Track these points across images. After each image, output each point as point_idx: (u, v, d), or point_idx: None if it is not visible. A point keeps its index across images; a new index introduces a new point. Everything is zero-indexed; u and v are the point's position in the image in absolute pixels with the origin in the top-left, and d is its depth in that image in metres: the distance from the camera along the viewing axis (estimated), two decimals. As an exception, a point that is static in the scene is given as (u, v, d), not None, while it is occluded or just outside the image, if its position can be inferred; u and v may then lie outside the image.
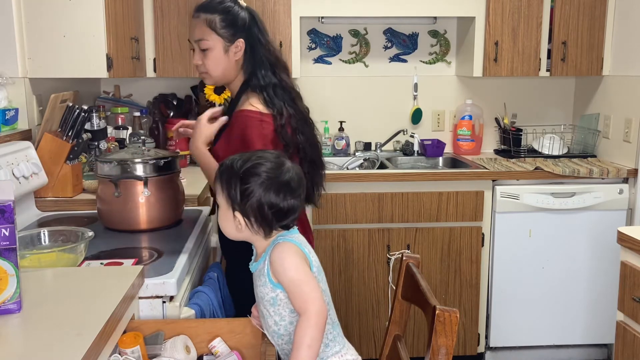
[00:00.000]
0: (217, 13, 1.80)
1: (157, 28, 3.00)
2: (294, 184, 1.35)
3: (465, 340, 3.10)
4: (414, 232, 2.98)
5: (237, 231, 1.37)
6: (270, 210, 1.32)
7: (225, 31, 1.81)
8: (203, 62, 1.84)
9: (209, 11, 1.81)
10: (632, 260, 2.00)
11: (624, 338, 2.02)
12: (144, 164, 2.00)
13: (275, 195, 1.32)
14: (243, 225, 1.34)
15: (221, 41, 1.81)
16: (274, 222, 1.34)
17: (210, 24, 1.80)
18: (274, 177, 1.33)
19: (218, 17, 1.80)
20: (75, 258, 1.63)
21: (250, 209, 1.32)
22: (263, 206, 1.32)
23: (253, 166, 1.34)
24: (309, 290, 1.28)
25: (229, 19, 1.81)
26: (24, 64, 2.36)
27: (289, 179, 1.34)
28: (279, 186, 1.33)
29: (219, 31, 1.80)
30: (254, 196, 1.31)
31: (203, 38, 1.81)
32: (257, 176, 1.32)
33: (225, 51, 1.82)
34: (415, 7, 3.16)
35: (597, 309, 3.11)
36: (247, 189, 1.31)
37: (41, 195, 2.34)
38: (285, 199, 1.33)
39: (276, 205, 1.32)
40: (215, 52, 1.81)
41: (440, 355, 1.25)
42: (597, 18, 3.18)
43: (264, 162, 1.35)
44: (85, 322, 1.21)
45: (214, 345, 1.43)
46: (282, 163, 1.36)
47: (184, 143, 3.17)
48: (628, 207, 3.03)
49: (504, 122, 3.47)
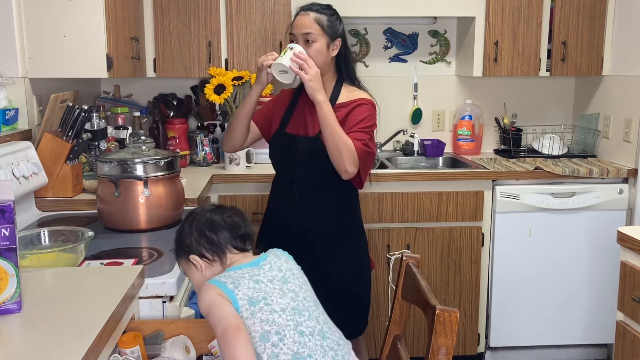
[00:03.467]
0: (325, 15, 2.13)
1: (157, 28, 3.01)
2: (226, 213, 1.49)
3: (465, 340, 3.10)
4: (414, 232, 2.98)
5: (202, 276, 1.44)
6: (212, 234, 1.44)
7: (330, 30, 2.12)
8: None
9: (319, 12, 2.13)
10: (632, 260, 2.00)
11: (624, 338, 2.02)
12: (144, 164, 2.01)
13: (208, 223, 1.46)
14: (202, 264, 1.44)
15: (326, 37, 2.11)
16: (223, 243, 1.45)
17: (319, 21, 2.11)
18: (202, 212, 1.50)
19: (326, 18, 2.12)
20: (75, 258, 1.63)
21: (197, 244, 1.45)
22: (204, 236, 1.45)
23: (183, 222, 1.51)
24: (217, 315, 1.27)
25: (333, 21, 2.15)
26: (24, 64, 2.36)
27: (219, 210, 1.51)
28: (209, 216, 1.47)
29: (326, 29, 2.11)
30: (192, 233, 1.46)
31: (311, 32, 2.09)
32: (187, 218, 1.50)
33: (327, 47, 2.12)
34: (415, 7, 3.16)
35: (597, 309, 3.11)
36: (184, 234, 1.47)
37: (41, 195, 2.34)
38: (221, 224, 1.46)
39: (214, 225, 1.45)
40: (320, 45, 2.11)
41: (440, 355, 1.25)
42: (597, 18, 3.18)
43: (190, 212, 1.53)
44: (85, 322, 1.21)
45: (213, 346, 1.43)
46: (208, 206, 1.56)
47: (184, 143, 3.17)
48: (628, 207, 3.03)
49: (504, 122, 3.47)
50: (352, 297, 2.22)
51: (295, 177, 2.15)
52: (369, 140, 2.10)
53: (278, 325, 1.29)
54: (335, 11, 2.19)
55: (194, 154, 3.19)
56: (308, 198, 2.15)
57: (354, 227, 2.25)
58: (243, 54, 3.06)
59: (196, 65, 3.05)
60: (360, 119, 2.10)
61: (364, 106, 2.13)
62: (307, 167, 2.13)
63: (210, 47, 3.03)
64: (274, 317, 1.30)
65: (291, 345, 1.27)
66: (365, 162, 2.09)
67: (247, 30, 3.05)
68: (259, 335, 1.27)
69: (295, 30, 2.13)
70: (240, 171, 2.97)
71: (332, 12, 2.17)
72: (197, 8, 3.00)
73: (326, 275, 2.10)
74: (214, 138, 3.25)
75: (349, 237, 2.23)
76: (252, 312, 1.30)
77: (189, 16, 3.00)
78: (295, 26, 2.15)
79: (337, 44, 2.15)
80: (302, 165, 2.14)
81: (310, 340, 1.30)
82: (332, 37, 2.13)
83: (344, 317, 2.09)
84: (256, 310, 1.30)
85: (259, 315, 1.29)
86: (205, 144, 3.15)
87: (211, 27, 3.02)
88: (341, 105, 2.14)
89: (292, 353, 1.27)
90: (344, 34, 2.19)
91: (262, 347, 1.26)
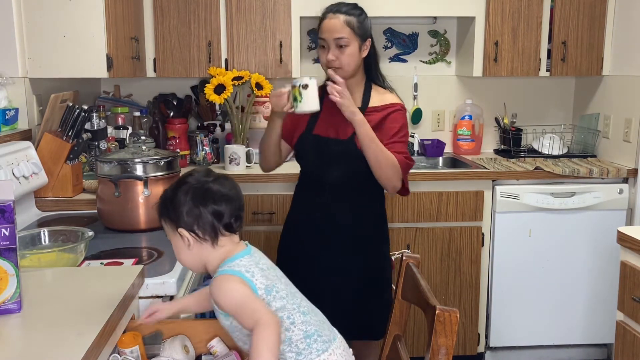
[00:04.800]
0: (355, 16, 2.06)
1: (157, 28, 3.00)
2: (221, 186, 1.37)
3: (465, 340, 3.10)
4: (414, 232, 2.98)
5: (189, 251, 1.35)
6: (207, 213, 1.33)
7: (361, 31, 2.06)
8: (338, 58, 2.05)
9: (349, 14, 2.06)
10: (632, 260, 2.00)
11: (624, 338, 2.02)
12: (144, 164, 2.01)
13: (204, 197, 1.34)
14: (191, 240, 1.34)
15: (357, 40, 2.06)
16: (214, 223, 1.34)
17: (350, 24, 2.04)
18: (199, 182, 1.36)
19: (355, 20, 2.06)
20: (75, 258, 1.63)
21: (189, 219, 1.33)
22: (198, 209, 1.33)
23: (178, 181, 1.39)
24: (251, 307, 1.27)
25: (363, 22, 2.08)
26: (24, 64, 2.36)
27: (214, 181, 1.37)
28: (205, 189, 1.35)
29: (357, 31, 2.05)
30: (186, 203, 1.33)
31: (344, 36, 2.03)
32: (183, 185, 1.36)
33: (359, 49, 2.07)
34: (415, 7, 3.16)
35: (597, 309, 3.11)
36: (178, 201, 1.34)
37: (41, 195, 2.35)
38: (217, 200, 1.34)
39: (209, 205, 1.34)
40: (352, 49, 2.05)
41: (440, 355, 1.25)
42: (597, 18, 3.18)
43: (188, 175, 1.40)
44: (85, 322, 1.21)
45: (212, 345, 1.43)
46: (208, 171, 1.42)
47: (184, 143, 3.17)
48: (628, 207, 3.03)
49: (504, 122, 3.47)
50: (376, 299, 2.19)
51: (327, 179, 2.12)
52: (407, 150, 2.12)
53: (288, 311, 1.35)
54: (362, 10, 2.13)
55: (194, 154, 3.18)
56: (340, 199, 2.13)
57: (382, 228, 2.26)
58: (243, 54, 3.06)
59: (196, 65, 3.05)
60: (397, 127, 2.09)
61: (398, 112, 2.11)
62: (340, 169, 2.10)
63: (210, 47, 3.03)
64: (283, 304, 1.34)
65: (300, 326, 1.35)
66: (407, 172, 2.12)
67: (247, 30, 3.05)
68: None
69: (326, 35, 2.06)
70: (240, 171, 2.97)
71: (361, 12, 2.11)
72: (197, 8, 3.00)
73: (353, 275, 2.14)
74: (214, 138, 3.25)
75: (379, 238, 2.24)
76: (268, 300, 1.33)
77: (189, 16, 3.00)
78: (325, 31, 2.07)
79: (368, 44, 2.11)
80: (334, 167, 2.11)
81: (311, 318, 1.39)
82: (363, 39, 2.08)
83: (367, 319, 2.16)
84: (271, 299, 1.33)
85: (273, 303, 1.33)
86: (205, 143, 3.15)
87: (211, 27, 3.02)
88: (374, 110, 2.12)
89: (302, 333, 1.35)
90: (372, 34, 2.13)
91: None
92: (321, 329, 1.39)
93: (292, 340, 1.34)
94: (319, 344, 1.36)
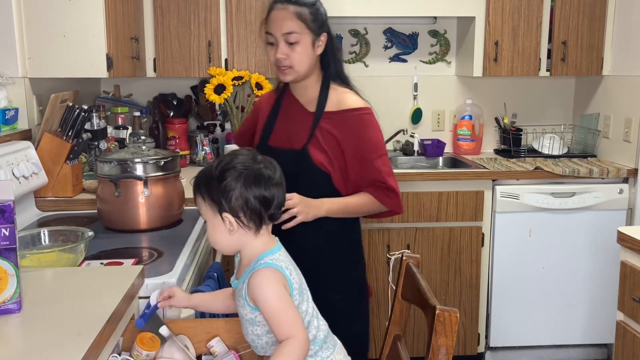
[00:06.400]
0: (306, 6, 1.78)
1: (157, 28, 3.00)
2: (272, 172, 1.34)
3: (465, 340, 3.10)
4: (414, 232, 2.98)
5: (230, 235, 1.32)
6: (256, 200, 1.30)
7: (314, 25, 1.79)
8: (289, 56, 1.78)
9: (299, 4, 1.77)
10: (632, 260, 2.00)
11: (624, 338, 2.02)
12: (144, 164, 2.00)
13: (255, 183, 1.30)
14: (235, 225, 1.30)
15: (310, 34, 1.79)
16: (262, 211, 1.31)
17: (301, 16, 1.76)
18: (250, 167, 1.31)
19: (308, 11, 1.78)
20: (75, 258, 1.63)
21: (237, 204, 1.29)
22: (247, 197, 1.29)
23: (226, 163, 1.32)
24: (290, 319, 1.26)
25: (316, 13, 1.80)
26: (24, 64, 2.36)
27: (265, 167, 1.33)
28: (257, 175, 1.31)
29: (309, 24, 1.78)
30: (235, 189, 1.29)
31: (294, 31, 1.76)
32: (232, 170, 1.30)
33: (312, 45, 1.80)
34: (415, 7, 3.16)
35: (597, 309, 3.11)
36: (226, 186, 1.29)
37: (41, 195, 2.34)
38: (267, 187, 1.31)
39: (259, 192, 1.30)
40: (304, 45, 1.78)
41: (440, 355, 1.25)
42: (597, 18, 3.18)
43: (235, 157, 1.34)
44: (85, 322, 1.21)
45: (212, 345, 1.43)
46: (255, 155, 1.36)
47: (184, 143, 3.17)
48: (628, 207, 3.03)
49: (504, 122, 3.47)
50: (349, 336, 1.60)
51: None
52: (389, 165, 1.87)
53: (310, 315, 1.36)
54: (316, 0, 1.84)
55: (194, 154, 3.18)
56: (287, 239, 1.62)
57: (351, 249, 1.95)
58: (243, 54, 3.06)
59: (196, 65, 3.05)
60: (372, 142, 1.82)
61: (364, 118, 1.82)
62: (293, 184, 1.66)
63: (210, 47, 3.03)
64: (307, 307, 1.35)
65: (312, 331, 1.35)
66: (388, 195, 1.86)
67: (247, 30, 3.05)
68: None
69: (274, 30, 1.78)
70: (240, 171, 2.96)
71: (314, 1, 1.81)
72: (197, 8, 3.00)
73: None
74: (214, 138, 3.25)
75: (347, 262, 1.94)
76: (299, 302, 1.32)
77: (189, 16, 3.00)
78: (272, 25, 1.79)
79: (323, 39, 1.82)
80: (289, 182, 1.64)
81: (321, 320, 1.39)
82: (317, 33, 1.80)
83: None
84: (302, 300, 1.34)
85: (302, 305, 1.33)
86: (205, 143, 3.15)
87: (211, 27, 3.02)
88: (330, 115, 1.83)
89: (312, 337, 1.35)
90: (329, 26, 1.85)
91: None
92: (329, 334, 1.40)
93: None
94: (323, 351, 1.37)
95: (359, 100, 1.86)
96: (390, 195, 1.86)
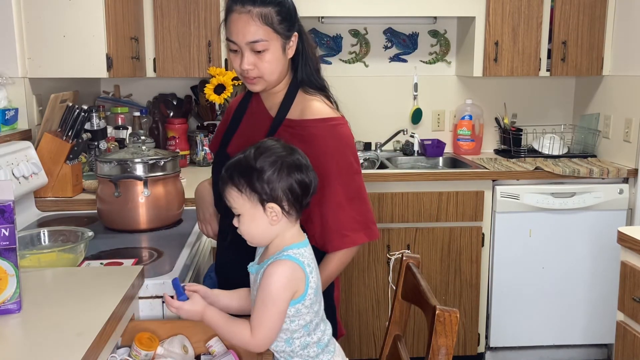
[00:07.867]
0: (272, 5, 1.48)
1: (157, 28, 3.00)
2: (303, 158, 1.32)
3: (465, 340, 3.10)
4: (414, 232, 2.98)
5: (271, 226, 1.28)
6: (298, 186, 1.28)
7: (282, 27, 1.50)
8: (257, 66, 1.50)
9: (262, 3, 1.47)
10: (632, 260, 2.00)
11: (624, 338, 2.02)
12: (144, 164, 2.00)
13: (297, 170, 1.28)
14: (279, 214, 1.27)
15: (279, 39, 1.50)
16: (302, 198, 1.30)
17: (267, 20, 1.47)
18: (286, 155, 1.29)
19: (274, 11, 1.48)
20: (75, 258, 1.63)
21: (281, 192, 1.26)
22: (291, 183, 1.27)
23: (262, 153, 1.29)
24: (270, 320, 1.25)
25: (284, 12, 1.50)
26: (24, 64, 2.36)
27: (297, 153, 1.32)
28: (295, 161, 1.29)
29: (277, 28, 1.49)
30: (279, 177, 1.26)
31: (260, 39, 1.47)
32: (271, 158, 1.27)
33: (283, 50, 1.52)
34: (415, 7, 3.16)
35: (597, 309, 3.11)
36: (270, 177, 1.26)
37: (41, 195, 2.34)
38: (307, 172, 1.30)
39: (301, 178, 1.28)
40: (274, 52, 1.50)
41: (440, 355, 1.25)
42: (597, 18, 3.18)
43: (268, 147, 1.31)
44: (85, 322, 1.21)
45: (210, 345, 1.43)
46: (283, 143, 1.33)
47: (184, 143, 3.17)
48: (628, 207, 3.03)
49: (504, 122, 3.47)
50: None
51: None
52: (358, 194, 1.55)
53: (320, 318, 1.35)
54: None
55: (194, 154, 3.19)
56: (241, 244, 1.38)
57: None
58: (243, 54, 3.06)
59: (196, 65, 3.05)
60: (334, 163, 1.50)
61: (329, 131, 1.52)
62: None
63: (210, 47, 3.03)
64: (319, 308, 1.35)
65: (319, 335, 1.35)
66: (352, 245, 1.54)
67: (247, 30, 3.04)
68: (304, 324, 1.31)
69: (236, 38, 1.49)
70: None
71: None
72: (197, 8, 3.00)
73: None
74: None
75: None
76: (312, 302, 1.31)
77: (189, 16, 3.00)
78: (233, 31, 1.49)
79: (294, 39, 1.55)
80: None
81: (327, 324, 1.39)
82: (286, 36, 1.51)
83: None
84: (316, 301, 1.32)
85: (314, 306, 1.32)
86: (205, 143, 3.15)
87: (211, 27, 3.02)
88: (290, 124, 1.55)
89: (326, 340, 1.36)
90: (299, 23, 1.57)
91: (299, 334, 1.31)
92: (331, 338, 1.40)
93: (308, 345, 1.34)
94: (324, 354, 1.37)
95: (326, 109, 1.55)
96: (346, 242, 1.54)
